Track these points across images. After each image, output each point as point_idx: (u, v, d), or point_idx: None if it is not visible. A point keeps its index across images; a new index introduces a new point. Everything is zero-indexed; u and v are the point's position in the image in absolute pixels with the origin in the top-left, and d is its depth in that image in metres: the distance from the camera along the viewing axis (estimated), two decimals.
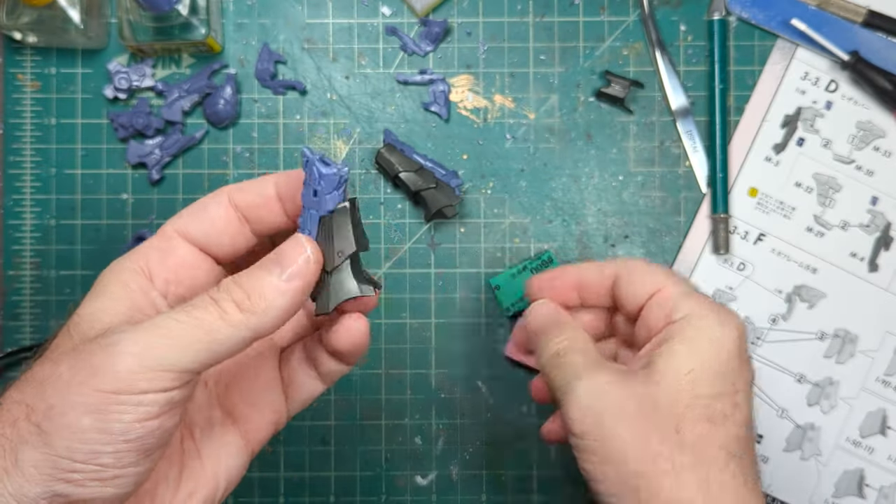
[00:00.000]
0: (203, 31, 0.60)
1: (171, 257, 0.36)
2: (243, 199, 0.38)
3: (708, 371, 0.38)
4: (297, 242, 0.35)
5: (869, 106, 0.64)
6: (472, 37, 0.64)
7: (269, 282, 0.33)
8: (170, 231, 0.37)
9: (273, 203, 0.38)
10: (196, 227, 0.37)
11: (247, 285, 0.33)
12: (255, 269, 0.34)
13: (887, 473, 0.62)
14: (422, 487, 0.63)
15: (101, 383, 0.30)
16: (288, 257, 0.34)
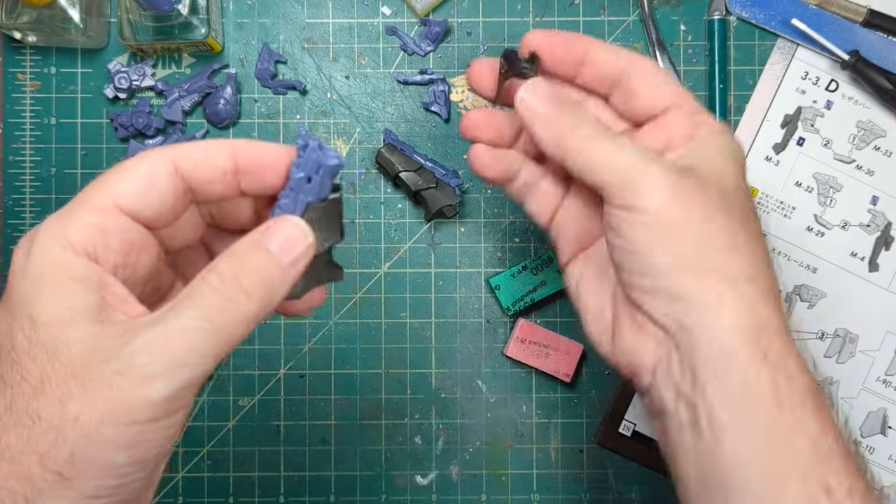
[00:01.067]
0: (203, 30, 0.60)
1: (116, 239, 0.31)
2: (194, 172, 0.33)
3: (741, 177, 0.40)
4: (297, 226, 0.33)
5: (869, 105, 0.64)
6: (473, 37, 0.64)
7: (271, 267, 0.31)
8: (108, 204, 0.31)
9: (230, 178, 0.33)
10: (141, 203, 0.32)
11: (250, 271, 0.31)
12: (252, 251, 0.31)
13: (888, 473, 0.62)
14: (422, 487, 0.63)
15: (134, 416, 0.28)
16: (290, 242, 0.32)
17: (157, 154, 0.32)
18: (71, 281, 0.29)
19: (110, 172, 0.32)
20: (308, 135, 0.34)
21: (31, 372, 0.28)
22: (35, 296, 0.29)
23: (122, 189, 0.31)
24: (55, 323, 0.29)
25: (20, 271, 0.30)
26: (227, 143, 0.33)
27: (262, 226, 0.32)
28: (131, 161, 0.32)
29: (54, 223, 0.30)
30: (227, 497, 0.62)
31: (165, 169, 0.32)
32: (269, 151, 0.34)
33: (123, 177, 0.31)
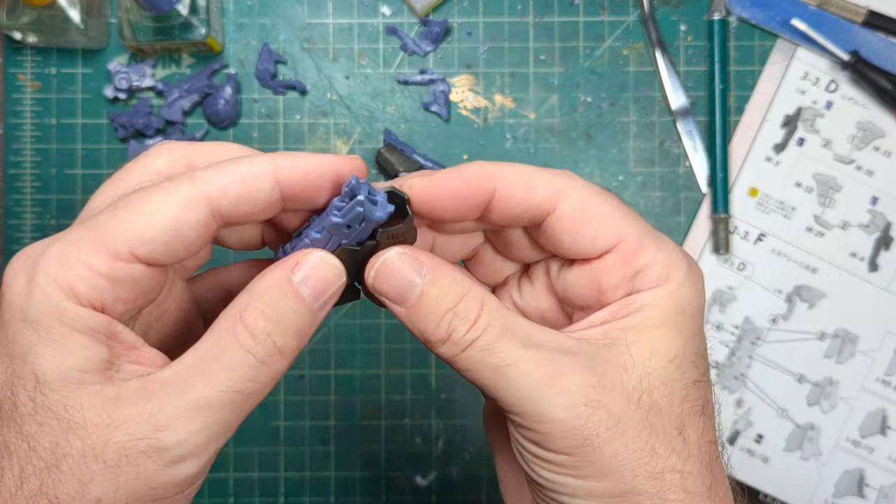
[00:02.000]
0: (203, 31, 0.60)
1: (126, 288, 0.27)
2: (232, 210, 0.28)
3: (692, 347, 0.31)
4: (332, 267, 0.29)
5: (869, 106, 0.64)
6: (473, 37, 0.64)
7: (304, 315, 0.28)
8: (124, 251, 0.27)
9: (271, 208, 0.29)
10: (163, 252, 0.27)
11: (283, 324, 0.28)
12: (283, 293, 0.28)
13: (887, 473, 0.62)
14: (422, 488, 0.63)
15: (160, 494, 0.26)
16: (324, 284, 0.29)
17: (190, 191, 0.27)
18: (77, 334, 0.26)
19: (125, 208, 0.27)
20: (358, 183, 0.30)
21: (40, 442, 0.25)
22: (38, 349, 0.26)
23: (145, 236, 0.27)
24: (64, 386, 0.26)
25: (17, 310, 0.26)
26: (268, 168, 0.28)
27: (290, 259, 0.29)
28: (153, 197, 0.27)
29: (56, 262, 0.26)
30: (227, 497, 0.62)
31: (198, 217, 0.27)
32: (316, 172, 0.29)
33: (148, 220, 0.27)
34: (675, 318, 0.30)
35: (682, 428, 0.30)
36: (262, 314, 0.27)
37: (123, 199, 0.27)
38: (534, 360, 0.29)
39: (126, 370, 0.27)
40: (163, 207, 0.27)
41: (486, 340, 0.29)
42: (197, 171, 0.28)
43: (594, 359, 0.29)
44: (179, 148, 0.30)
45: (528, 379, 0.29)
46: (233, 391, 0.26)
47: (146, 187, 0.28)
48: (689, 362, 0.30)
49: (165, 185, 0.27)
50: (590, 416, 0.28)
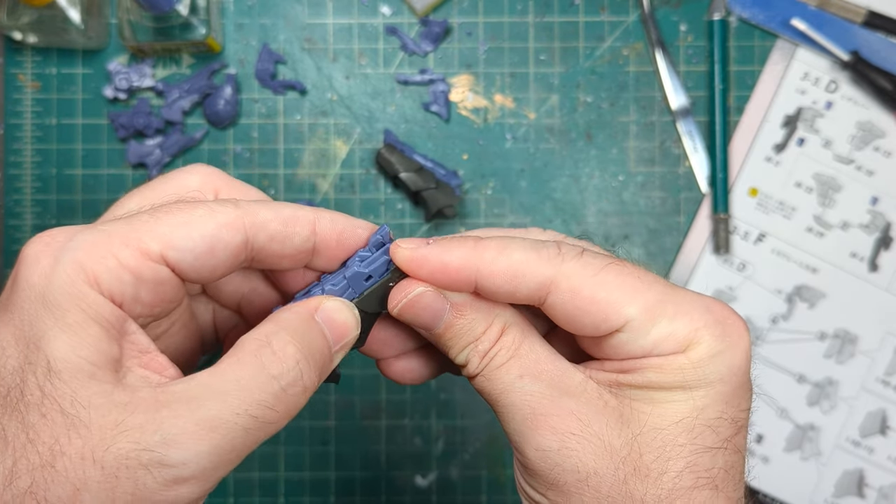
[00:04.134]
0: (203, 31, 0.60)
1: (149, 290, 0.27)
2: (266, 245, 0.28)
3: (713, 411, 0.28)
4: (353, 316, 0.30)
5: (869, 106, 0.64)
6: (473, 37, 0.64)
7: (326, 353, 0.28)
8: (156, 251, 0.26)
9: (302, 256, 0.30)
10: (191, 264, 0.27)
11: (310, 353, 0.27)
12: (310, 328, 0.28)
13: (887, 473, 0.62)
14: (422, 488, 0.63)
15: None
16: (343, 330, 0.29)
17: (233, 214, 0.27)
18: (94, 324, 0.25)
19: (166, 213, 0.27)
20: (389, 235, 0.30)
21: (39, 435, 0.24)
22: (53, 334, 0.25)
23: (179, 244, 0.27)
24: (74, 377, 0.25)
25: (37, 290, 0.25)
26: (307, 218, 0.29)
27: (311, 301, 0.29)
28: (195, 211, 0.27)
29: (84, 249, 0.26)
30: (226, 497, 0.62)
31: (234, 240, 0.28)
32: (352, 230, 0.30)
33: (185, 231, 0.27)
34: (691, 381, 0.28)
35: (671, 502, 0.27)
36: (291, 341, 0.27)
37: (165, 206, 0.27)
38: (527, 393, 0.29)
39: (135, 373, 0.26)
40: (203, 220, 0.27)
41: (490, 368, 0.30)
42: (242, 201, 0.28)
43: (590, 404, 0.29)
44: (215, 172, 0.31)
45: (515, 411, 0.29)
46: (249, 415, 0.25)
47: (189, 201, 0.28)
48: (702, 426, 0.28)
49: (210, 203, 0.28)
50: (559, 463, 0.28)
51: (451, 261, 0.29)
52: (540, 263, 0.28)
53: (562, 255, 0.29)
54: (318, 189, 0.63)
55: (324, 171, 0.63)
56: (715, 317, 0.28)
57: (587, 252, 0.29)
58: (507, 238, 0.29)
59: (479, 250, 0.29)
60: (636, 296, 0.28)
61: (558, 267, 0.28)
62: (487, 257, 0.29)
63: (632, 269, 0.29)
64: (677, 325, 0.28)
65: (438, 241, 0.29)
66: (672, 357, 0.28)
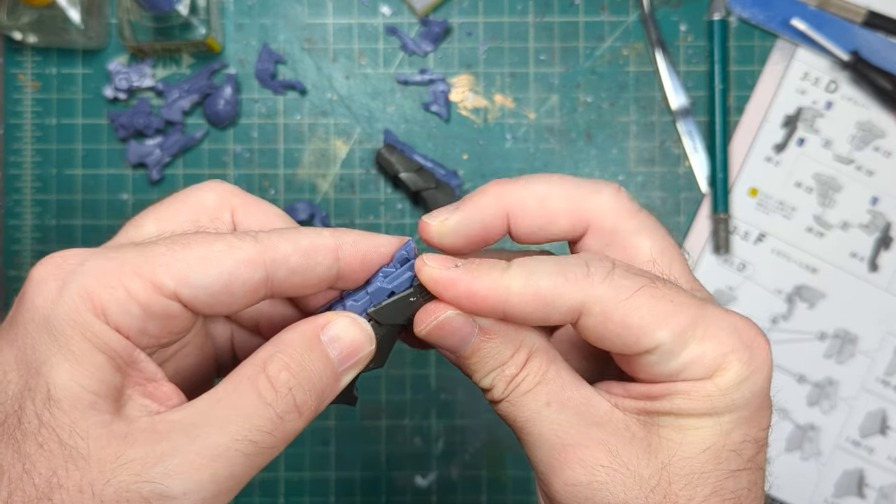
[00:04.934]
0: (203, 31, 0.60)
1: (158, 324, 0.26)
2: (287, 279, 0.27)
3: (737, 435, 0.28)
4: (364, 332, 0.29)
5: (869, 106, 0.64)
6: (473, 37, 0.64)
7: (327, 376, 0.27)
8: (169, 288, 0.25)
9: (324, 284, 0.29)
10: (206, 301, 0.26)
11: (306, 382, 0.27)
12: (309, 349, 0.27)
13: (887, 473, 0.62)
14: (422, 488, 0.63)
15: None
16: (353, 348, 0.28)
17: (253, 250, 0.26)
18: (97, 353, 0.25)
19: (182, 247, 0.26)
20: (414, 251, 0.30)
21: (36, 466, 0.23)
22: (54, 361, 0.24)
23: (194, 280, 0.26)
24: (74, 407, 0.24)
25: (41, 315, 0.25)
26: (332, 244, 0.28)
27: (320, 319, 0.28)
28: (213, 245, 0.26)
29: (94, 277, 0.25)
30: None
31: (253, 277, 0.26)
32: (376, 249, 0.29)
33: (203, 266, 0.26)
34: (719, 408, 0.28)
35: None
36: (286, 367, 0.26)
37: (184, 237, 0.26)
38: (554, 422, 0.28)
39: (135, 403, 0.26)
40: (221, 257, 0.26)
41: (516, 394, 0.29)
42: (261, 233, 0.27)
43: (618, 435, 0.28)
44: (230, 189, 0.30)
45: (543, 441, 0.29)
46: (248, 441, 0.25)
47: (208, 232, 0.27)
48: (728, 451, 0.28)
49: (229, 237, 0.27)
50: (589, 497, 0.28)
51: (478, 290, 0.28)
52: (568, 288, 0.27)
53: (591, 276, 0.27)
54: (318, 189, 0.63)
55: (324, 171, 0.63)
56: (742, 339, 0.28)
57: (617, 270, 0.28)
58: (533, 262, 0.28)
59: (506, 279, 0.27)
60: (668, 320, 0.27)
61: (588, 291, 0.27)
62: (515, 287, 0.27)
63: (664, 291, 0.27)
64: (706, 348, 0.27)
65: (467, 266, 0.28)
66: (700, 383, 0.27)
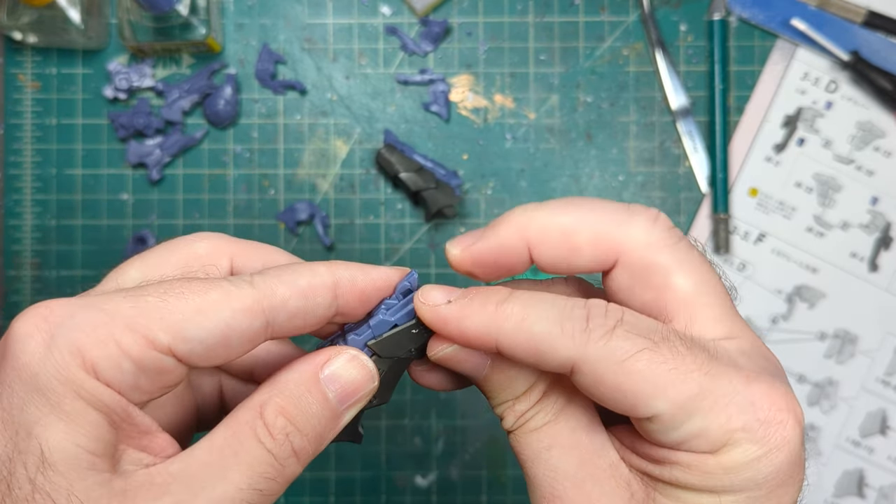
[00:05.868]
0: (203, 31, 0.60)
1: (152, 380, 0.25)
2: (286, 323, 0.26)
3: None
4: (365, 369, 0.28)
5: (869, 106, 0.64)
6: (473, 37, 0.64)
7: (326, 419, 0.27)
8: (163, 343, 0.24)
9: (322, 323, 0.28)
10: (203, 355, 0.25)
11: (305, 427, 0.26)
12: (308, 391, 0.26)
13: (887, 473, 0.62)
14: (422, 488, 0.63)
15: None
16: (353, 387, 0.27)
17: (250, 298, 0.25)
18: (92, 411, 0.23)
19: (176, 297, 0.24)
20: (416, 281, 0.29)
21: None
22: (47, 422, 0.23)
23: (190, 333, 0.24)
24: (71, 469, 0.23)
25: (29, 373, 0.23)
26: (330, 281, 0.27)
27: (321, 354, 0.27)
28: (217, 294, 0.25)
29: (83, 332, 0.23)
30: None
31: (252, 326, 0.25)
32: (374, 284, 0.28)
33: (199, 318, 0.24)
34: (721, 486, 0.25)
35: None
36: (282, 411, 0.25)
37: (176, 283, 0.25)
38: (552, 468, 0.27)
39: (129, 457, 0.24)
40: (218, 307, 0.24)
41: (523, 431, 0.28)
42: (256, 277, 0.26)
43: (615, 495, 0.27)
44: (224, 238, 0.29)
45: (536, 487, 0.28)
46: (253, 489, 0.24)
47: (202, 279, 0.25)
48: None
49: (224, 284, 0.25)
50: None
51: (468, 328, 0.26)
52: (562, 341, 0.25)
53: (588, 332, 0.25)
54: (318, 189, 0.63)
55: (324, 171, 0.63)
56: (759, 416, 0.25)
57: (619, 330, 0.25)
58: (531, 301, 0.26)
59: (498, 320, 0.26)
60: (667, 389, 0.24)
61: (582, 348, 0.25)
62: (507, 328, 0.26)
63: (667, 356, 0.24)
64: (711, 422, 0.24)
65: (459, 302, 0.27)
66: (702, 457, 0.25)
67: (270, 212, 0.63)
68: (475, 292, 0.27)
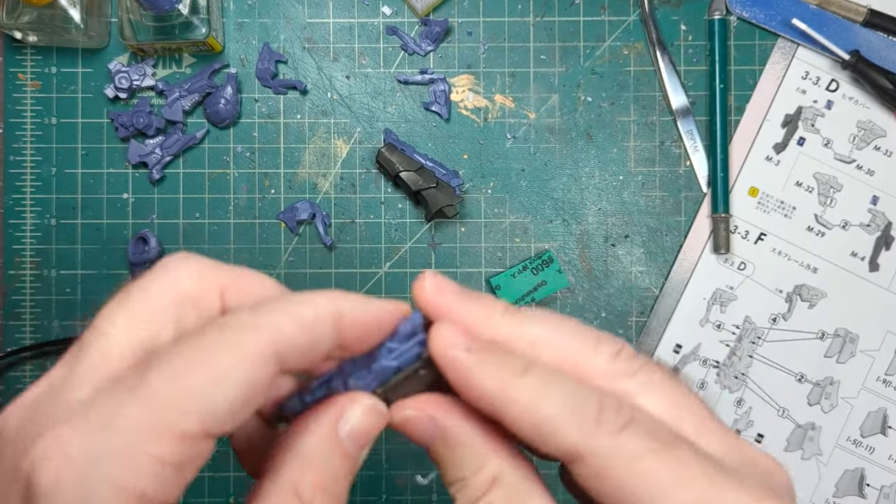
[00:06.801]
0: (204, 30, 0.60)
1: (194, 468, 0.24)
2: (294, 362, 0.25)
3: None
4: (381, 416, 0.27)
5: (869, 105, 0.64)
6: (473, 36, 0.64)
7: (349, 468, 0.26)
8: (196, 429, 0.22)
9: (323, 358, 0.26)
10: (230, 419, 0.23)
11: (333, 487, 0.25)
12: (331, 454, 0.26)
13: (888, 473, 0.62)
14: (422, 487, 0.63)
15: None
16: (367, 432, 0.26)
17: (256, 343, 0.23)
18: None
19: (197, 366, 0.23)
20: (419, 320, 0.27)
21: None
22: None
23: (217, 407, 0.22)
24: None
25: None
26: (332, 311, 0.25)
27: (334, 409, 0.26)
28: (227, 352, 0.23)
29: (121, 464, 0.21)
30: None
31: (268, 373, 0.24)
32: (377, 324, 0.27)
33: (219, 387, 0.22)
34: None
35: None
36: (317, 486, 0.24)
37: (181, 357, 0.23)
38: None
39: None
40: (232, 366, 0.23)
41: None
42: (260, 315, 0.24)
43: None
44: (207, 268, 0.26)
45: None
46: None
47: (201, 336, 0.23)
48: None
49: (228, 335, 0.23)
50: None
51: (477, 387, 0.25)
52: (570, 427, 0.24)
53: (600, 423, 0.24)
54: (319, 188, 0.63)
55: (324, 170, 0.63)
56: None
57: (632, 425, 0.24)
58: (548, 379, 0.25)
59: (511, 391, 0.24)
60: (674, 493, 0.23)
61: (589, 438, 0.23)
62: (521, 402, 0.24)
63: (679, 456, 0.23)
64: None
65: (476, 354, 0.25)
66: None
67: (271, 211, 0.63)
68: (495, 348, 0.25)
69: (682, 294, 0.63)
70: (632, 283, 0.63)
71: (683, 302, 0.63)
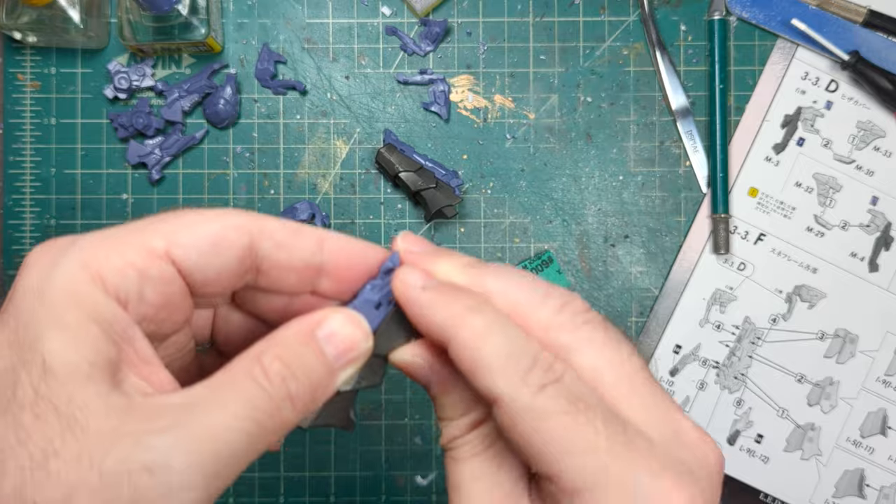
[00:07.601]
0: (203, 31, 0.60)
1: (155, 290, 0.26)
2: (272, 253, 0.28)
3: None
4: (360, 327, 0.28)
5: (869, 106, 0.64)
6: (473, 37, 0.64)
7: (321, 372, 0.27)
8: (160, 247, 0.26)
9: (307, 273, 0.29)
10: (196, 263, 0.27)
11: (300, 375, 0.26)
12: (303, 344, 0.27)
13: (888, 473, 0.62)
14: (422, 487, 0.63)
15: None
16: (348, 344, 0.28)
17: (236, 218, 0.27)
18: (94, 324, 0.24)
19: (172, 216, 0.27)
20: (398, 261, 0.30)
21: (31, 437, 0.22)
22: (49, 334, 0.24)
23: (183, 240, 0.26)
24: (71, 378, 0.23)
25: (35, 291, 0.24)
26: (315, 233, 0.28)
27: (316, 315, 0.28)
28: (202, 214, 0.27)
29: (89, 249, 0.25)
30: (227, 497, 0.62)
31: (240, 241, 0.27)
32: (362, 252, 0.29)
33: (188, 227, 0.26)
34: None
35: None
36: (278, 358, 0.26)
37: (171, 211, 0.27)
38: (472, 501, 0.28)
39: (130, 382, 0.25)
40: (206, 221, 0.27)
41: (450, 456, 0.29)
42: (249, 211, 0.28)
43: None
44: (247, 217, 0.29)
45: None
46: (251, 419, 0.24)
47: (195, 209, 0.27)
48: None
49: (217, 209, 0.27)
50: None
51: (428, 319, 0.27)
52: (499, 373, 0.26)
53: (526, 375, 0.25)
54: (319, 189, 0.63)
55: (324, 170, 0.63)
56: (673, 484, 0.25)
57: (556, 385, 0.25)
58: (495, 323, 0.26)
59: (457, 324, 0.27)
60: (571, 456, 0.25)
61: (512, 389, 0.25)
62: (463, 338, 0.26)
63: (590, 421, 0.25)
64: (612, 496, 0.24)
65: (431, 290, 0.28)
66: None
67: (271, 211, 0.63)
68: (449, 288, 0.28)
69: (681, 294, 0.63)
70: (631, 284, 0.63)
71: (683, 302, 0.63)
